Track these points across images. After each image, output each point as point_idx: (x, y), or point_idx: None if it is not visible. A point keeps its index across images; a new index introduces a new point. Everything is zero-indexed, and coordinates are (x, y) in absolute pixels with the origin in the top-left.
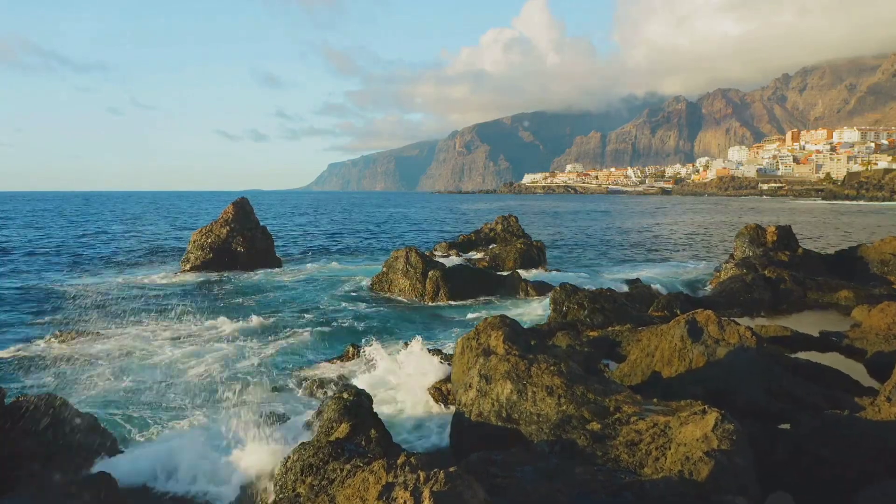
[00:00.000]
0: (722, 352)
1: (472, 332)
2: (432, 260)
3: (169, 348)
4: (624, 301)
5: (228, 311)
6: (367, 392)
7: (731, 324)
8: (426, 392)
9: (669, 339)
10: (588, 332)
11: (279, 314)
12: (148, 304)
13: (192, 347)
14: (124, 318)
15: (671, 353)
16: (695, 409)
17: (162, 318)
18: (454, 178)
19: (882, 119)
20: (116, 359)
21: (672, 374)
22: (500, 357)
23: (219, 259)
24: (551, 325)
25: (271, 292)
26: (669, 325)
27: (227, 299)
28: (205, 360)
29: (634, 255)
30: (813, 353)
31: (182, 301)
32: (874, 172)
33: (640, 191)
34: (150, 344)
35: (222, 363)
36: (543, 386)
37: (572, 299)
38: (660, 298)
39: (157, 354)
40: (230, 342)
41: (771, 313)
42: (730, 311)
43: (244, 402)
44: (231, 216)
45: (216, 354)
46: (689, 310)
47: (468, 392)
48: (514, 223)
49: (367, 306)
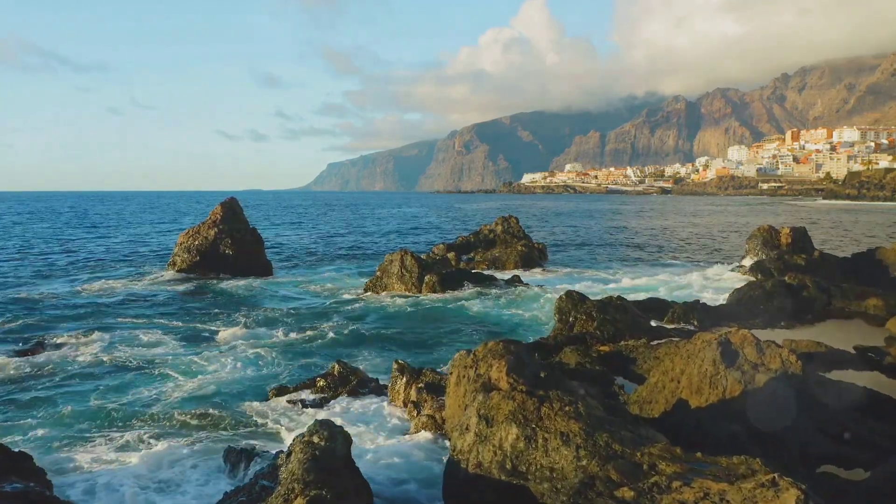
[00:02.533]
0: (762, 379)
1: (470, 359)
2: (429, 263)
3: (137, 362)
4: (636, 310)
5: (209, 320)
6: (345, 432)
7: (772, 346)
8: (415, 420)
9: (698, 364)
10: (598, 346)
11: (262, 324)
12: (123, 314)
13: (161, 363)
14: (93, 330)
15: (701, 380)
16: (760, 480)
17: (136, 329)
18: (453, 178)
19: (881, 119)
20: (75, 375)
21: (702, 404)
22: (503, 394)
23: (206, 262)
24: (557, 337)
25: (256, 299)
26: (697, 345)
27: (210, 307)
28: (174, 378)
29: (640, 258)
30: (849, 371)
31: (161, 311)
32: (875, 172)
33: (639, 190)
34: (115, 357)
35: (193, 380)
36: (557, 432)
37: (579, 309)
38: (675, 308)
39: (123, 370)
40: (205, 355)
41: (793, 323)
42: (752, 322)
43: (204, 432)
44: (219, 217)
45: (186, 370)
46: (707, 320)
47: (465, 436)
48: (515, 224)
49: (359, 314)
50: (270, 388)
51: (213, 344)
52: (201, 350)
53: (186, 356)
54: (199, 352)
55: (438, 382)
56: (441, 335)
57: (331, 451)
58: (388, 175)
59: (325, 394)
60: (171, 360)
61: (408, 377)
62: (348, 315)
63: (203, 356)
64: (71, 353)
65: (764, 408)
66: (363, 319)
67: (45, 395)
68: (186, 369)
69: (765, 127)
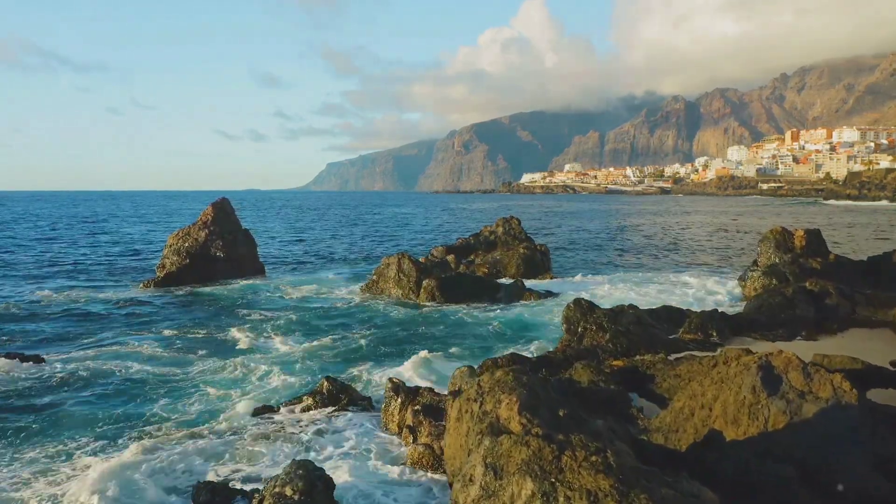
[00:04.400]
0: (810, 410)
1: (474, 390)
2: (427, 267)
3: (114, 377)
4: (649, 320)
5: (193, 330)
6: (326, 477)
7: (821, 371)
8: (410, 449)
9: (735, 390)
10: (611, 360)
11: (249, 335)
12: (101, 325)
13: (139, 377)
14: (68, 342)
15: (738, 409)
16: None
17: (115, 342)
18: (453, 178)
19: (881, 119)
20: (49, 389)
21: (740, 436)
22: (515, 438)
23: (196, 265)
24: (566, 351)
25: (245, 307)
26: (732, 368)
27: (195, 317)
28: (151, 394)
29: (647, 261)
30: (890, 391)
31: (142, 321)
32: (876, 172)
33: (639, 190)
34: (88, 371)
35: (171, 397)
36: (583, 489)
37: (589, 318)
38: (692, 318)
39: (97, 384)
40: (186, 369)
41: (815, 333)
42: (774, 332)
43: (177, 454)
44: (210, 218)
45: (164, 386)
46: (727, 330)
47: (468, 488)
48: (517, 226)
49: (353, 322)
50: (254, 407)
51: (194, 356)
52: (181, 363)
53: (165, 370)
54: (178, 365)
55: (437, 404)
56: (439, 346)
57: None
58: (388, 175)
59: (312, 413)
60: (149, 374)
61: (403, 398)
62: (342, 324)
63: (183, 370)
64: (47, 368)
65: (814, 445)
66: (357, 328)
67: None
68: (164, 385)
69: (764, 127)
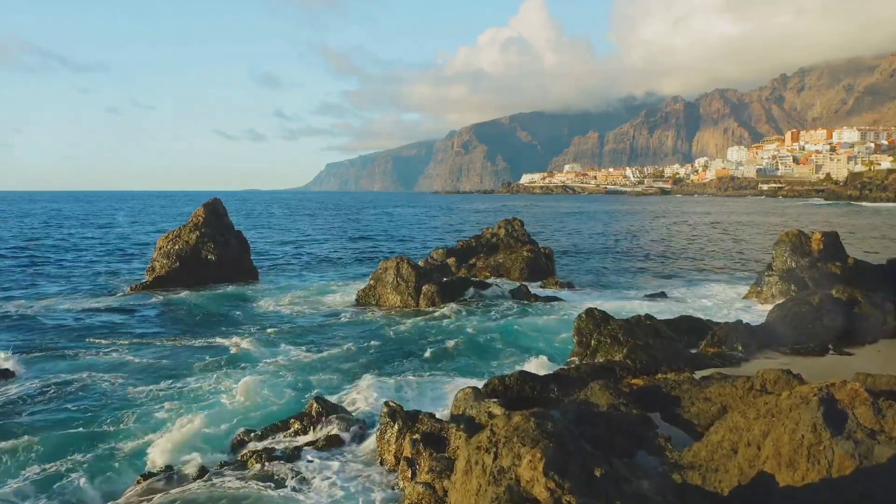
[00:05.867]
0: (884, 453)
1: (486, 437)
2: (427, 271)
3: (89, 391)
4: (668, 332)
5: (177, 339)
6: None
7: (895, 407)
8: (409, 488)
9: (790, 427)
10: (629, 379)
11: (238, 347)
12: (84, 332)
13: (117, 394)
14: (49, 347)
15: (794, 450)
16: None
17: (96, 352)
18: (452, 178)
19: (880, 119)
20: (15, 400)
21: (797, 482)
22: None
23: (187, 268)
24: (580, 368)
25: (234, 316)
26: (785, 400)
27: (181, 326)
28: (123, 412)
29: (654, 265)
30: None
31: (127, 329)
32: (877, 173)
33: (638, 191)
34: (55, 386)
35: (143, 419)
36: None
37: (603, 330)
38: (715, 330)
39: (68, 400)
40: (166, 387)
41: (844, 344)
42: (803, 346)
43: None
44: (201, 220)
45: (143, 404)
46: (753, 344)
47: None
48: (519, 227)
49: (348, 333)
50: (233, 438)
51: (177, 371)
52: (162, 379)
53: (146, 386)
54: (160, 381)
55: (439, 432)
56: (440, 359)
57: None
58: (387, 175)
59: (299, 439)
60: (129, 389)
61: (400, 424)
62: (335, 334)
63: (164, 387)
64: (20, 380)
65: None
66: (351, 340)
67: None
68: (143, 403)
69: (763, 127)
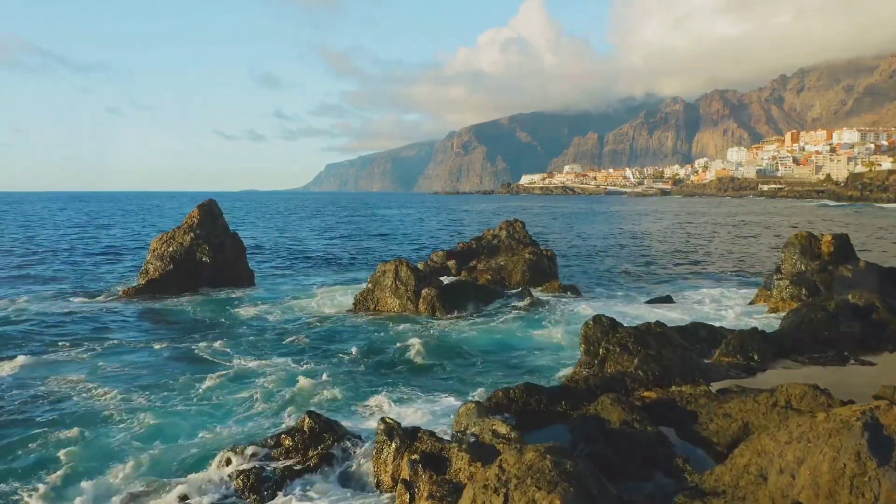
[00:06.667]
0: None
1: (494, 476)
2: (426, 274)
3: (62, 404)
4: (680, 340)
5: (164, 344)
6: None
7: None
8: None
9: (830, 455)
10: (641, 391)
11: (230, 356)
12: (70, 332)
13: (95, 405)
14: (25, 355)
15: (835, 480)
16: None
17: (79, 353)
18: (452, 179)
19: (880, 120)
20: None
21: None
22: None
23: (181, 271)
24: (589, 379)
25: (228, 321)
26: (822, 424)
27: (172, 331)
28: (102, 427)
29: (657, 267)
30: None
31: (114, 331)
32: (878, 174)
33: (638, 192)
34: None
35: (119, 438)
36: None
37: (611, 338)
38: (729, 339)
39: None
40: (151, 397)
41: (863, 353)
42: (823, 355)
43: None
44: (196, 221)
45: (125, 418)
46: (769, 352)
47: None
48: (521, 229)
49: (344, 338)
50: (222, 450)
51: (159, 382)
52: (142, 390)
53: (124, 396)
54: (138, 392)
55: (439, 452)
56: (440, 370)
57: None
58: (387, 176)
59: (289, 459)
60: (104, 400)
61: (398, 443)
62: (331, 342)
63: (149, 398)
64: None
65: None
66: (348, 348)
67: None
68: (118, 416)
69: (763, 128)
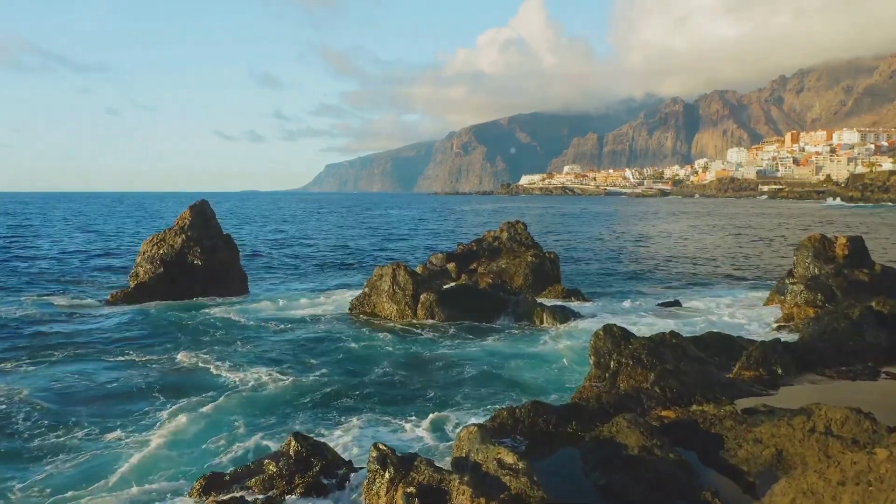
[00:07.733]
0: None
1: None
2: (425, 278)
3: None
4: (697, 352)
5: (146, 356)
6: None
7: None
8: None
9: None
10: (659, 410)
11: (211, 366)
12: (47, 339)
13: (69, 422)
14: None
15: None
16: None
17: (55, 363)
18: (451, 180)
19: (879, 121)
20: None
21: None
22: None
23: (172, 274)
24: (601, 397)
25: (217, 330)
26: (884, 461)
27: (152, 339)
28: (75, 451)
29: (662, 270)
30: None
31: (94, 341)
32: (879, 174)
33: (638, 192)
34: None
35: (95, 462)
36: None
37: (623, 351)
38: (750, 350)
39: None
40: (134, 415)
41: (890, 364)
42: (851, 368)
43: None
44: (188, 223)
45: (101, 439)
46: (793, 364)
47: None
48: (522, 231)
49: (338, 350)
50: (199, 478)
51: (135, 396)
52: (118, 405)
53: (97, 411)
54: (113, 407)
55: (438, 485)
56: (439, 385)
57: None
58: (387, 176)
59: (273, 487)
60: (76, 415)
61: (392, 473)
62: (324, 354)
63: (117, 414)
64: None
65: None
66: (341, 360)
67: None
68: (90, 434)
69: (762, 129)
